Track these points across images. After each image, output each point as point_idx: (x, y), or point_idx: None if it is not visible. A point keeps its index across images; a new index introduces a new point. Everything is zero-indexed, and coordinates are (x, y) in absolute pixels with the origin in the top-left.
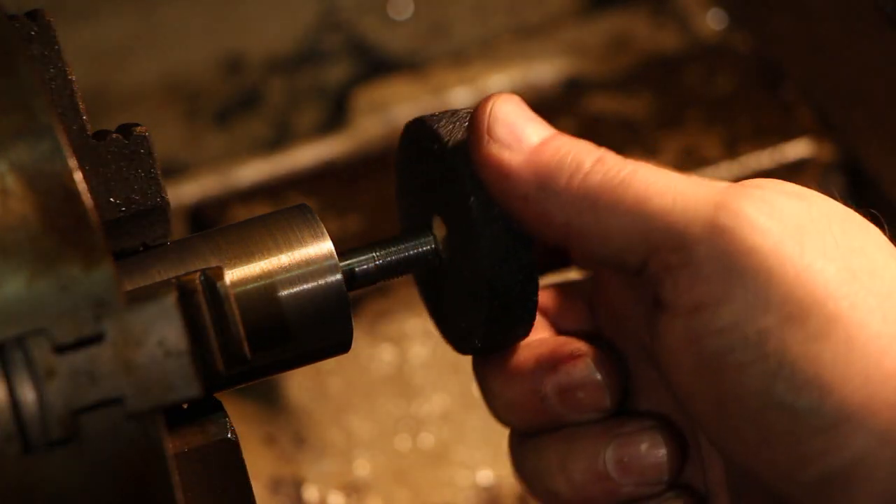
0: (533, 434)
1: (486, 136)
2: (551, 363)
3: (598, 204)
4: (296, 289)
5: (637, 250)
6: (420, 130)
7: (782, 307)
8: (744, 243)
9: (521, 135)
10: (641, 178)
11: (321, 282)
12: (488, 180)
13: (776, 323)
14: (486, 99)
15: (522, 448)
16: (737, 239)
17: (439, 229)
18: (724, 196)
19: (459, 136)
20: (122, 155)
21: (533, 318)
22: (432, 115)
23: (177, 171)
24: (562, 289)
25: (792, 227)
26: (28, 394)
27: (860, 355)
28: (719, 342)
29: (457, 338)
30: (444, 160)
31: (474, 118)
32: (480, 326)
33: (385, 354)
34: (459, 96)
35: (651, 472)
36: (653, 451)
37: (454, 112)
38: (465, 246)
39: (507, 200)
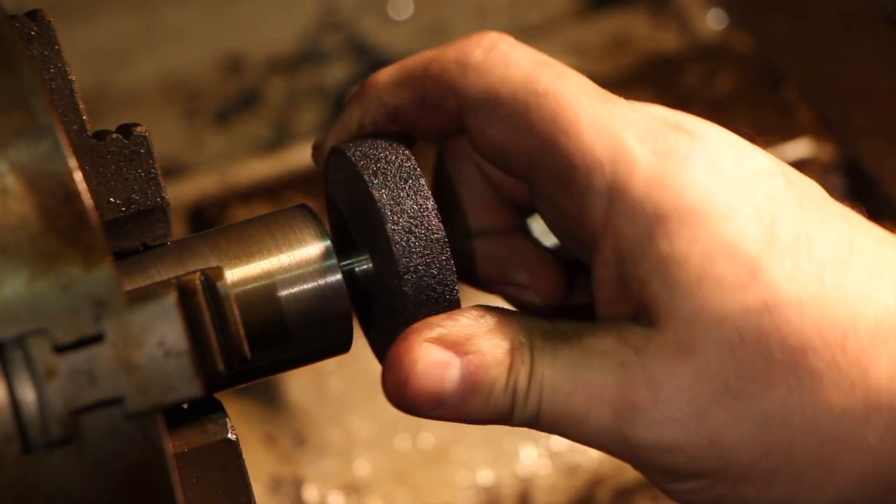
0: None
1: (404, 407)
2: None
3: None
4: (296, 289)
5: None
6: (346, 167)
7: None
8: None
9: (440, 399)
10: None
11: (321, 282)
12: None
13: (754, 494)
14: (403, 352)
15: None
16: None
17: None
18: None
19: (390, 193)
20: (122, 155)
21: None
22: (355, 151)
23: (177, 171)
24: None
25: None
26: (28, 394)
27: (827, 463)
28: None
29: (382, 358)
30: (373, 216)
31: (392, 374)
32: None
33: None
34: None
35: None
36: None
37: (373, 143)
38: (393, 298)
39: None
